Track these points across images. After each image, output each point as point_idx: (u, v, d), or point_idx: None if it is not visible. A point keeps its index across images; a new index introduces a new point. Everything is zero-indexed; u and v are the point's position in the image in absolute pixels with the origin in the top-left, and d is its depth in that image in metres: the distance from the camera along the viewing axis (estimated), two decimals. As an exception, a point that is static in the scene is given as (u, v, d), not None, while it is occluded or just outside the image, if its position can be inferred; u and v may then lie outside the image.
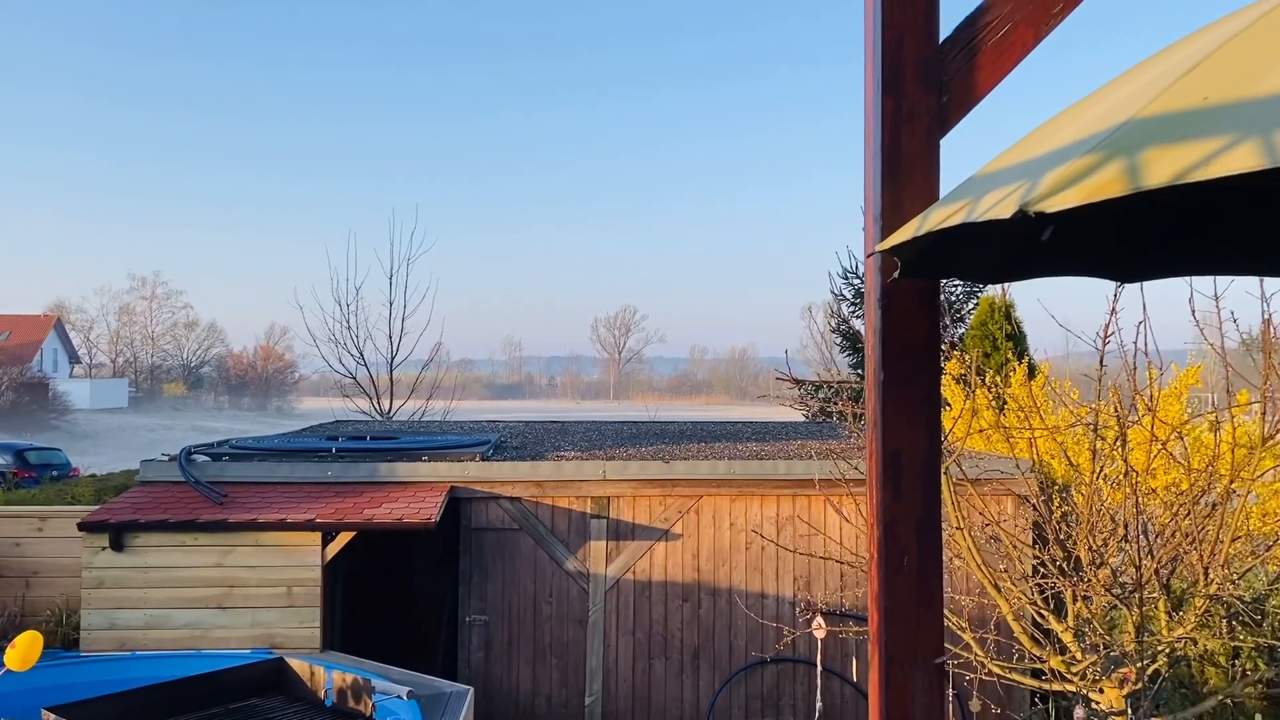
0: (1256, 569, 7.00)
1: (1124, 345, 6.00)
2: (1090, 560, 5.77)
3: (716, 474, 8.96)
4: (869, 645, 2.88)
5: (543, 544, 8.86)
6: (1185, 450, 6.57)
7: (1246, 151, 1.34)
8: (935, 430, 2.83)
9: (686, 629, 8.94)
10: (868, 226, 2.96)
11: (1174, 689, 6.93)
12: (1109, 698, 5.43)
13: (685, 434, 12.32)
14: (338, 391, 24.35)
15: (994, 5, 2.81)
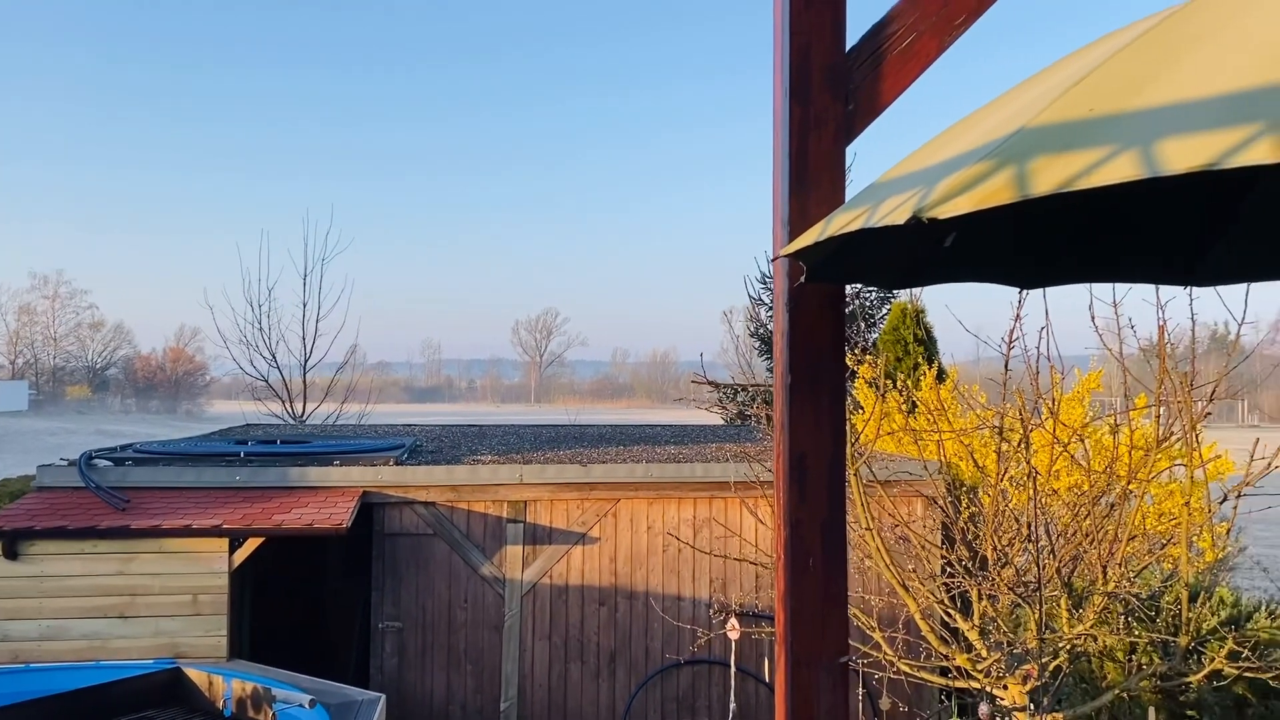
0: (1152, 566, 7.26)
1: (1028, 350, 6.17)
2: (995, 560, 5.91)
3: (634, 477, 8.97)
4: (776, 646, 2.91)
5: (458, 549, 8.77)
6: (1087, 452, 6.78)
7: (1126, 162, 1.39)
8: (840, 433, 2.87)
9: (603, 632, 8.93)
10: (776, 231, 2.99)
11: (1075, 684, 7.14)
12: (1012, 694, 5.57)
13: (605, 437, 12.32)
14: (249, 395, 23.82)
15: (899, 15, 2.86)
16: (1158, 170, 1.34)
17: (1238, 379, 10.83)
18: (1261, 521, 17.17)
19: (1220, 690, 6.16)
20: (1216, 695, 6.24)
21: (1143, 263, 3.62)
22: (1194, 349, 5.91)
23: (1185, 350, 5.92)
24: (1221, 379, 5.54)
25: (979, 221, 3.01)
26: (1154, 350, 5.93)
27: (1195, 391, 5.64)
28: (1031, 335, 6.98)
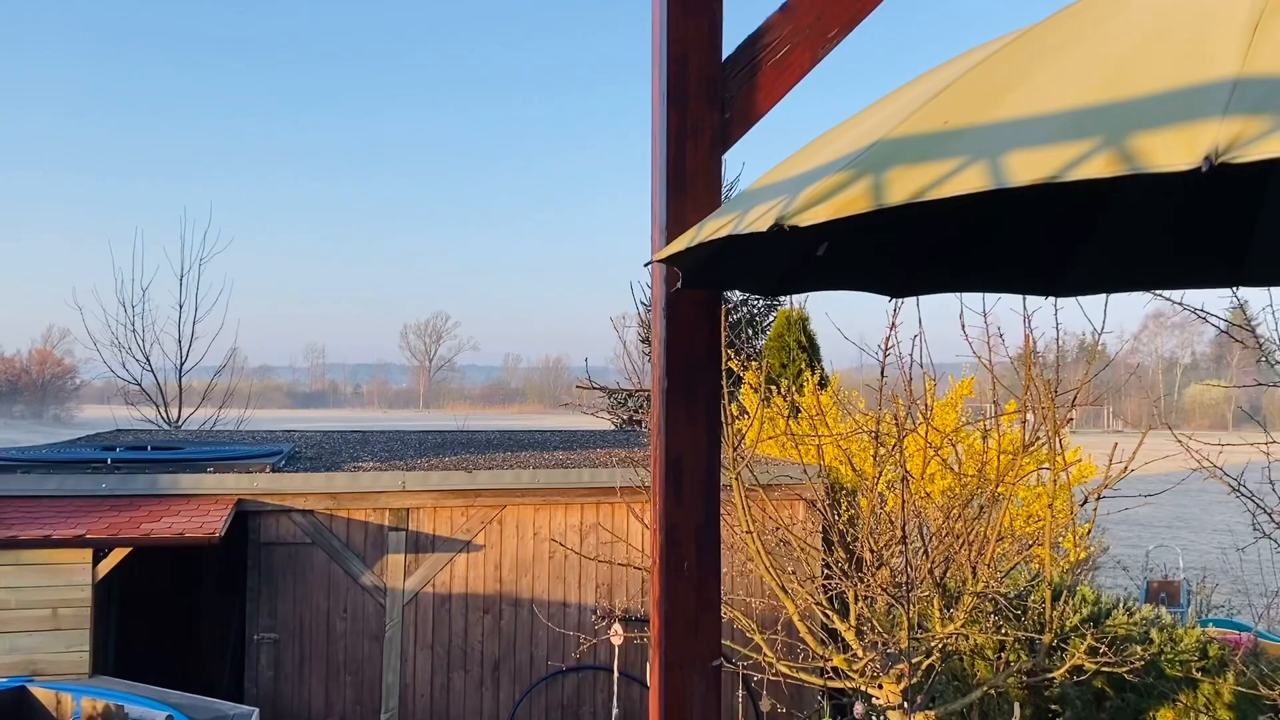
0: (1020, 566, 7.54)
1: (902, 358, 6.35)
2: (872, 562, 6.06)
3: (520, 483, 8.91)
4: (650, 649, 2.91)
5: (337, 558, 8.56)
6: (960, 457, 7.01)
7: (975, 173, 1.43)
8: (716, 437, 2.90)
9: (488, 641, 8.84)
10: (654, 236, 3.00)
11: (948, 682, 7.36)
12: (887, 692, 5.71)
13: (492, 443, 12.20)
14: (122, 399, 22.83)
15: (773, 27, 2.91)
16: (1004, 182, 1.39)
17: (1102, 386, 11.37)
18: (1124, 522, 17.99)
19: (1081, 685, 6.43)
20: (1078, 689, 6.51)
21: (1009, 274, 3.75)
22: (1059, 357, 6.17)
23: (1054, 359, 6.17)
24: (1082, 386, 5.80)
25: (852, 231, 3.09)
26: (1038, 359, 6.17)
27: (1058, 398, 5.89)
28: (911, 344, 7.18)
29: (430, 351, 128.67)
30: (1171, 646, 6.26)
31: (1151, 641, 6.23)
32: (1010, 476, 6.10)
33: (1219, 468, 5.43)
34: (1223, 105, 1.21)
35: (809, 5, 2.92)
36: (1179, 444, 5.76)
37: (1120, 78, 1.43)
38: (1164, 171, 1.20)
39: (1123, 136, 1.28)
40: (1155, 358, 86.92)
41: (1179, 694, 6.04)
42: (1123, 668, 5.40)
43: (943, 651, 6.10)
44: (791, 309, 15.26)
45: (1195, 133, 1.19)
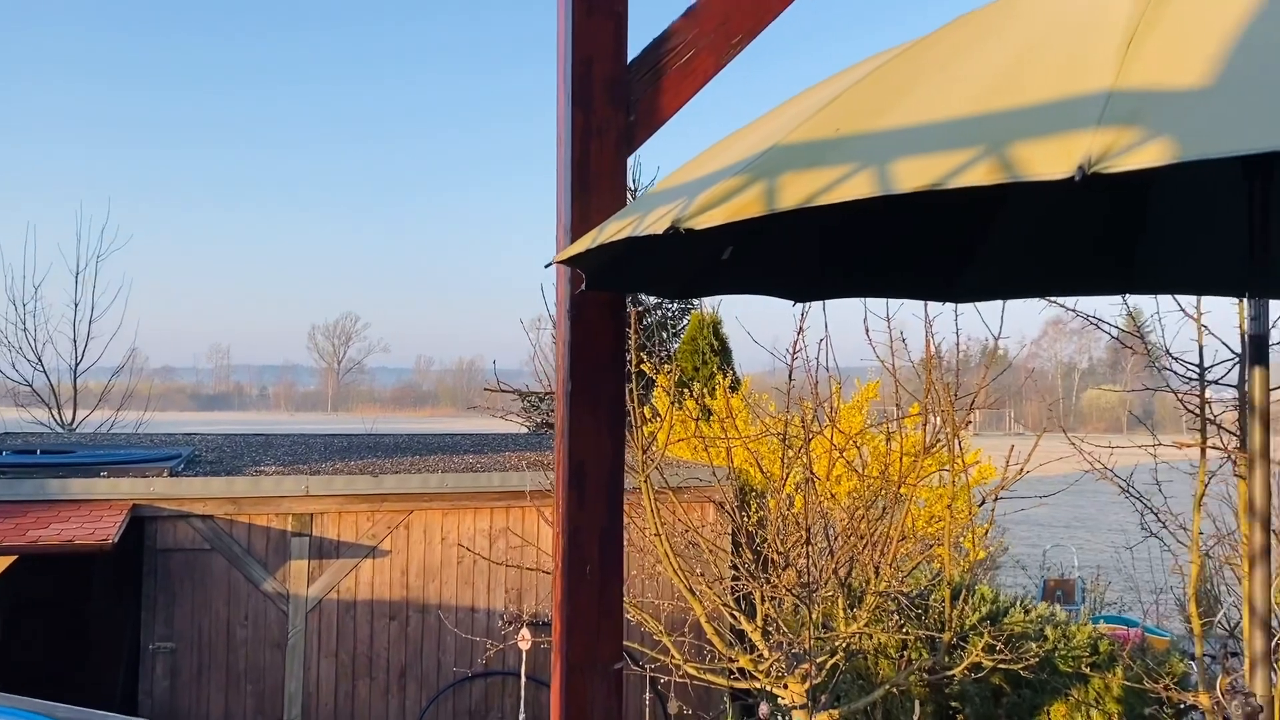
0: (923, 566, 7.71)
1: (809, 362, 6.45)
2: (779, 563, 6.12)
3: (428, 487, 8.79)
4: (552, 654, 2.90)
5: (238, 564, 8.34)
6: (865, 459, 7.14)
7: (863, 180, 1.45)
8: (620, 440, 2.89)
9: (394, 647, 8.69)
10: (559, 237, 2.99)
11: (852, 681, 7.48)
12: (792, 692, 5.78)
13: (401, 447, 12.02)
14: (11, 401, 21.88)
15: (678, 31, 2.92)
16: (890, 188, 1.41)
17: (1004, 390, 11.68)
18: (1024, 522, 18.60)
19: (980, 682, 6.61)
20: (977, 686, 6.68)
21: (906, 280, 3.83)
22: (958, 362, 6.33)
23: (960, 363, 6.34)
24: (980, 390, 5.95)
25: (756, 235, 3.12)
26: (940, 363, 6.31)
27: (958, 402, 6.04)
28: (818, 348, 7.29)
29: (339, 353, 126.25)
30: (1065, 643, 6.46)
31: (1046, 638, 6.43)
32: (912, 478, 6.24)
33: (1109, 469, 5.63)
34: (1097, 116, 1.25)
35: (714, 11, 2.94)
36: (1072, 446, 5.96)
37: (1002, 89, 1.47)
38: (1041, 180, 1.24)
39: (1003, 146, 1.31)
40: (1054, 363, 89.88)
41: (1071, 689, 6.25)
42: (1018, 664, 5.56)
43: (847, 651, 6.19)
44: (704, 312, 15.36)
45: (1070, 143, 1.23)
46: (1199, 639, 5.19)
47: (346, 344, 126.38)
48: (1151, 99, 1.27)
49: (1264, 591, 2.33)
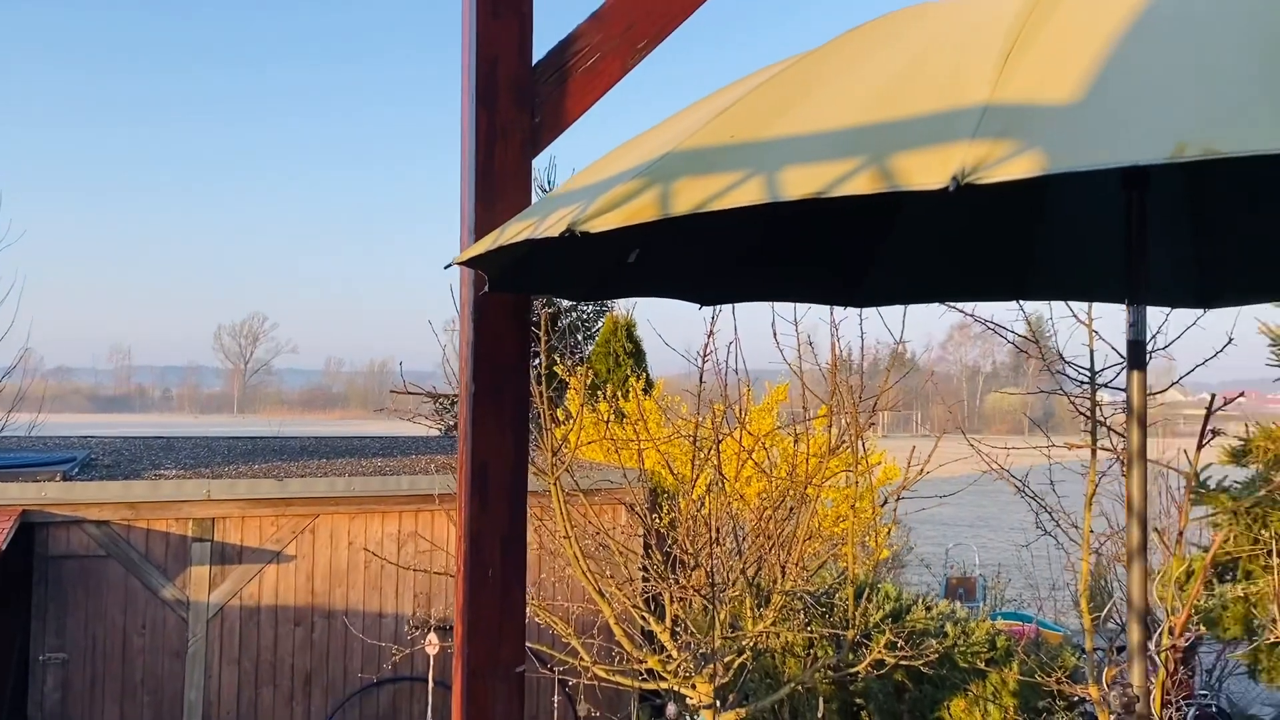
0: (830, 565, 7.85)
1: (719, 364, 6.51)
2: (689, 563, 6.17)
3: (335, 491, 8.63)
4: (454, 658, 2.88)
5: (135, 571, 8.08)
6: (775, 460, 7.23)
7: (753, 187, 1.48)
8: (524, 443, 2.89)
9: (299, 654, 8.52)
10: (463, 238, 2.97)
11: (760, 679, 7.57)
12: (700, 692, 5.83)
13: (308, 449, 11.78)
14: (-108, 403, 20.83)
15: (584, 35, 2.93)
16: (778, 195, 1.44)
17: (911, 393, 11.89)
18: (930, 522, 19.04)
19: (883, 678, 6.75)
20: (880, 683, 6.82)
21: (810, 284, 3.90)
22: (862, 365, 6.47)
23: (869, 366, 6.48)
24: (882, 393, 6.09)
25: (662, 238, 3.14)
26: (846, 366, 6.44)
27: (862, 404, 6.17)
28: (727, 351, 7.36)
29: (246, 354, 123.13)
30: (964, 639, 6.64)
31: (946, 635, 6.60)
32: (818, 479, 6.35)
33: (1006, 470, 5.80)
34: (972, 129, 1.30)
35: (619, 15, 2.96)
36: (971, 447, 6.13)
37: (887, 101, 1.51)
38: (918, 190, 1.27)
39: (884, 156, 1.35)
40: (960, 366, 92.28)
41: (970, 684, 6.42)
42: (919, 661, 5.69)
43: (754, 650, 6.27)
44: (619, 315, 15.40)
45: (946, 154, 1.27)
46: (1089, 633, 5.39)
47: (254, 345, 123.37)
48: (1024, 113, 1.32)
49: (1141, 587, 2.44)
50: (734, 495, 6.88)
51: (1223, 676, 9.59)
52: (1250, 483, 9.34)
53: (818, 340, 6.39)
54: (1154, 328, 5.23)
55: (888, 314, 6.71)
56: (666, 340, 7.35)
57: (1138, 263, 2.30)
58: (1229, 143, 1.18)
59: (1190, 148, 1.16)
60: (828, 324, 6.37)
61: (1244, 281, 3.54)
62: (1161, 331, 5.16)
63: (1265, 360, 9.76)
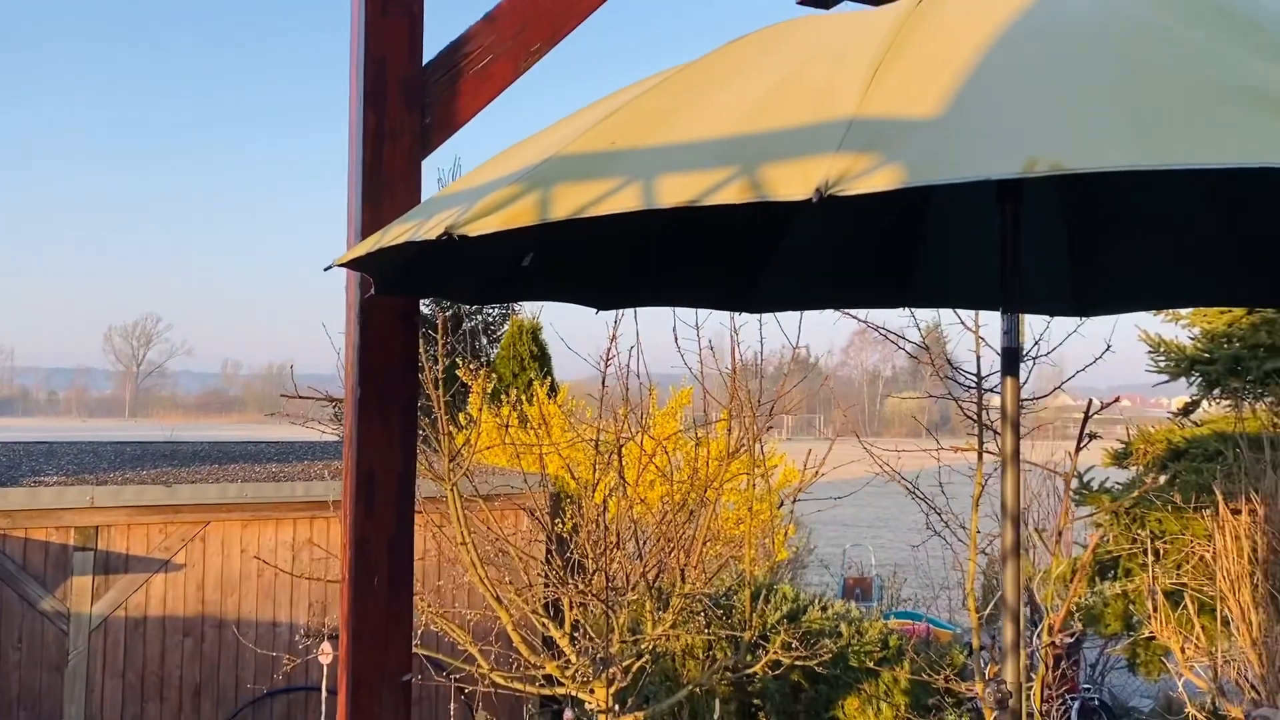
0: (731, 567, 7.93)
1: (621, 368, 6.52)
2: (590, 568, 6.17)
3: (227, 498, 8.39)
4: (339, 667, 2.82)
5: (11, 582, 7.73)
6: (679, 464, 7.27)
7: (630, 193, 1.49)
8: (411, 449, 2.85)
9: (187, 666, 8.25)
10: (350, 240, 2.92)
11: (660, 682, 7.61)
12: (598, 696, 5.83)
13: (200, 455, 11.44)
14: None
15: (476, 36, 2.91)
16: (653, 203, 1.45)
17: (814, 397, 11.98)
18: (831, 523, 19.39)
19: (780, 679, 6.84)
20: (777, 684, 6.92)
21: (706, 290, 3.94)
22: (760, 370, 6.54)
23: (774, 371, 6.56)
24: (780, 397, 6.18)
25: (558, 242, 3.14)
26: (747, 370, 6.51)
27: (761, 408, 6.25)
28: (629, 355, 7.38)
29: (138, 356, 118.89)
30: (858, 639, 6.78)
31: (841, 635, 6.72)
32: (717, 482, 6.41)
33: (898, 472, 5.94)
34: (837, 142, 1.33)
35: (512, 17, 2.94)
36: (865, 450, 6.26)
37: (761, 113, 1.53)
38: (785, 200, 1.30)
39: (755, 167, 1.37)
40: (860, 371, 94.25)
41: (863, 683, 6.56)
42: (813, 661, 5.79)
43: (654, 653, 6.31)
44: (524, 318, 15.32)
45: (812, 166, 1.30)
46: (976, 631, 5.54)
47: (146, 346, 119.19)
48: (888, 127, 1.35)
49: (1014, 586, 2.52)
50: (636, 499, 6.89)
51: (1105, 671, 9.98)
52: (1130, 484, 9.76)
53: (721, 345, 6.44)
54: (1036, 335, 5.42)
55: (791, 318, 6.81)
56: (569, 344, 7.34)
57: (1011, 273, 2.38)
58: (1077, 160, 1.23)
59: (1040, 164, 1.20)
60: (729, 329, 6.42)
61: (1118, 291, 3.69)
62: (1044, 339, 5.35)
63: (1144, 367, 10.21)
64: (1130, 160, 1.23)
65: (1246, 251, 3.31)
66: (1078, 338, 4.94)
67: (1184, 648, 6.89)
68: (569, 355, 19.35)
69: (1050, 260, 3.40)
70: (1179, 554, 7.68)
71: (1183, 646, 6.84)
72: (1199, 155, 1.26)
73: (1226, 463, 7.56)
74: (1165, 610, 6.98)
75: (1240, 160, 1.20)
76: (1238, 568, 6.62)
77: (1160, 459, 9.69)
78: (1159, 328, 10.42)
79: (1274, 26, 1.50)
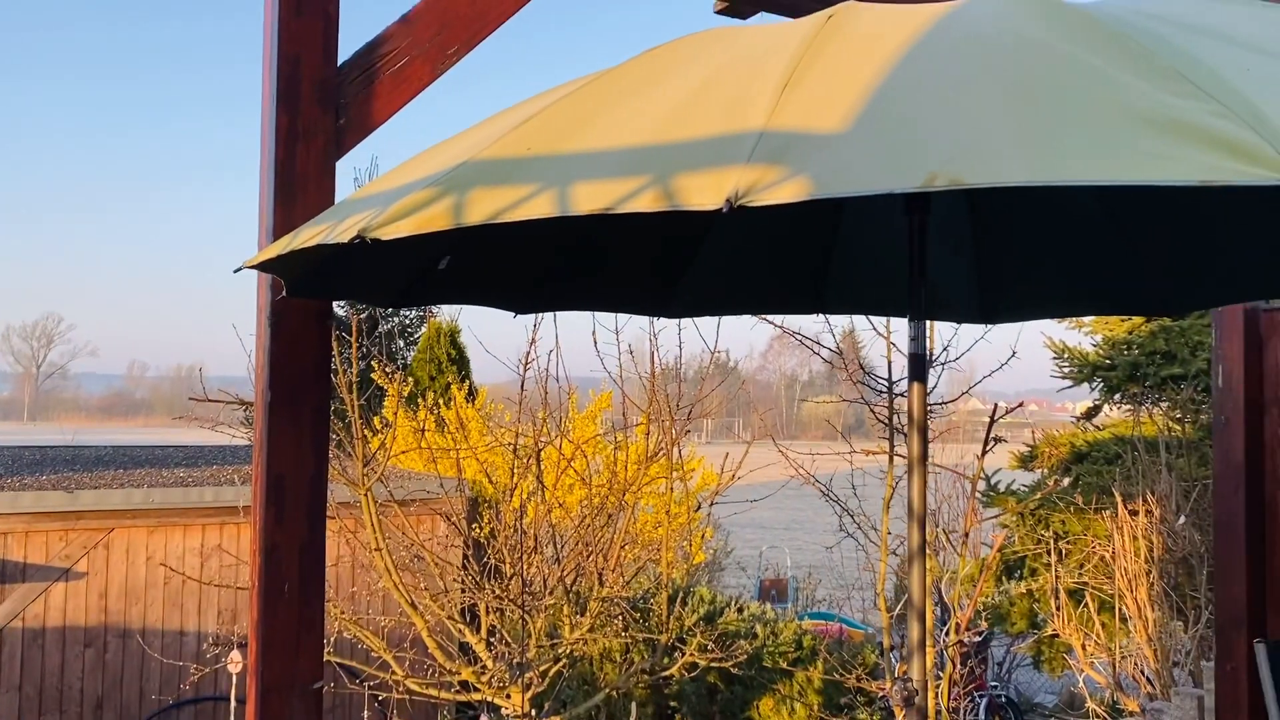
0: (650, 570, 7.97)
1: (541, 372, 6.51)
2: (508, 573, 6.14)
3: (132, 504, 8.15)
4: (248, 676, 2.77)
5: (-101, 593, 7.40)
6: (598, 468, 7.27)
7: (545, 200, 1.50)
8: (323, 452, 2.81)
9: (89, 677, 7.99)
10: (261, 241, 2.87)
11: (578, 686, 7.61)
12: (515, 702, 5.80)
13: (104, 459, 11.10)
14: None
15: (392, 37, 2.89)
16: (567, 210, 1.46)
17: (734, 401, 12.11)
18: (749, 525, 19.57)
19: (696, 680, 6.90)
20: (694, 685, 6.98)
21: (624, 295, 3.96)
22: (680, 374, 6.60)
23: (694, 375, 6.61)
24: (698, 401, 6.24)
25: (475, 245, 3.12)
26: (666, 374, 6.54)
27: (679, 412, 6.30)
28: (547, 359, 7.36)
29: (38, 357, 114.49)
30: (773, 640, 6.87)
31: (756, 636, 6.80)
32: (635, 486, 6.44)
33: (811, 474, 6.04)
34: (748, 154, 1.36)
35: (430, 19, 2.93)
36: (780, 453, 6.35)
37: (676, 122, 1.56)
38: (696, 210, 1.32)
39: (667, 176, 1.39)
40: (779, 375, 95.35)
41: (777, 684, 6.65)
42: (729, 662, 5.85)
43: (571, 657, 6.30)
44: (442, 321, 15.18)
45: (722, 177, 1.32)
46: (886, 631, 5.66)
47: (47, 347, 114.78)
48: (797, 140, 1.39)
49: (919, 585, 2.58)
50: (554, 503, 6.88)
51: (1011, 668, 10.26)
52: (1035, 486, 10.07)
53: (642, 349, 6.47)
54: (946, 341, 5.57)
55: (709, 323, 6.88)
56: (488, 347, 7.30)
57: (918, 281, 2.45)
58: (974, 175, 1.28)
59: (940, 178, 1.24)
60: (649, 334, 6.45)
61: (1021, 299, 3.82)
62: (952, 344, 5.49)
63: (1049, 372, 10.55)
64: (1025, 176, 1.28)
65: (1143, 263, 3.45)
66: (990, 345, 5.09)
67: (1085, 644, 7.14)
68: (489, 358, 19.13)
69: (957, 269, 3.50)
70: (1081, 554, 7.96)
71: (1083, 643, 7.09)
72: (1089, 173, 1.32)
73: (1125, 465, 7.85)
74: (1068, 608, 7.22)
75: (1127, 178, 1.26)
76: (1135, 567, 6.89)
77: (1064, 462, 10.02)
78: (1064, 335, 10.81)
79: (1165, 54, 1.57)
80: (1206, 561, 6.46)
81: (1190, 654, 6.55)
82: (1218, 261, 3.42)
